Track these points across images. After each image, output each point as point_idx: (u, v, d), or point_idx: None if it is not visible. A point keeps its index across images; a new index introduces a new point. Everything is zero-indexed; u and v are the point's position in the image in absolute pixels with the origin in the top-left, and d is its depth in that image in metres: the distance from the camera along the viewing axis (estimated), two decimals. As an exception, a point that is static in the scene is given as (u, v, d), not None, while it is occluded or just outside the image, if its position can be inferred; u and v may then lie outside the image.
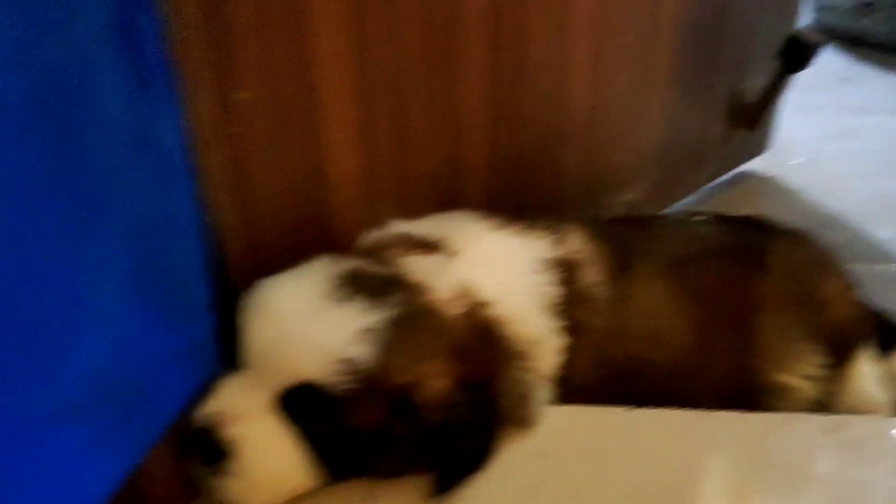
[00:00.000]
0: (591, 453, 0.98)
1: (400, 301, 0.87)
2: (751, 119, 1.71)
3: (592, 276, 1.08)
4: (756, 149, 1.88)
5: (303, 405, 0.82)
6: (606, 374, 1.07)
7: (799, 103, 2.34)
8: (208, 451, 0.80)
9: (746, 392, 1.12)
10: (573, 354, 1.03)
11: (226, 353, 0.84)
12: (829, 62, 2.70)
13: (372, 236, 1.03)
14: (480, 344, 0.92)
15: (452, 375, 0.85)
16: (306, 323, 0.81)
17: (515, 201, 1.29)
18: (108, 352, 0.56)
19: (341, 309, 0.83)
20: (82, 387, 0.54)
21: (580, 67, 1.30)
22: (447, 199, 1.17)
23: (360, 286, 0.87)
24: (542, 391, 1.01)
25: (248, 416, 0.81)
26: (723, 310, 1.16)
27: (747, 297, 1.18)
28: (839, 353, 1.22)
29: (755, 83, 1.74)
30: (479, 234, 1.05)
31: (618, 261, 1.11)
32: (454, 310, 0.92)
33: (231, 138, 0.88)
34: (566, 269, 1.06)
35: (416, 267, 0.95)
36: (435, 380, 0.84)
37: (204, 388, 0.79)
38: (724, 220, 1.35)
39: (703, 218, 1.28)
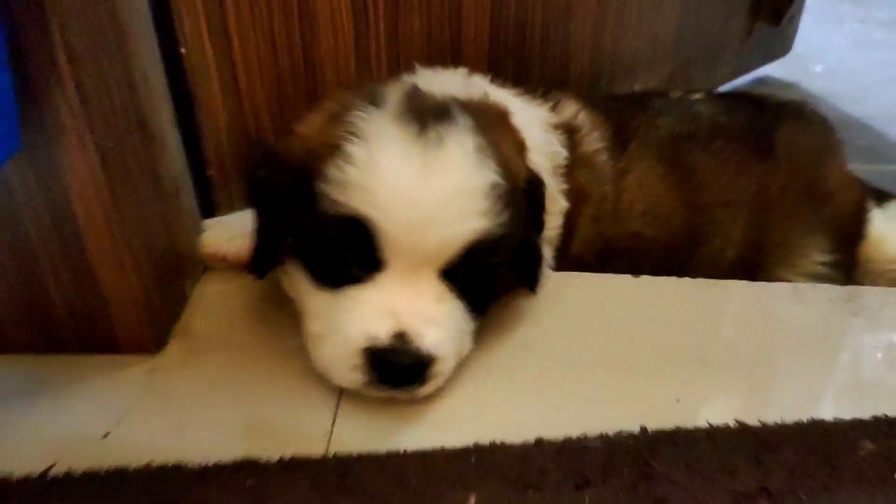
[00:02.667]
0: (587, 318, 0.93)
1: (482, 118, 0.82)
2: (775, 12, 1.61)
3: (593, 143, 1.03)
4: (778, 50, 1.78)
5: (467, 262, 0.76)
6: (603, 250, 1.02)
7: (827, 14, 2.25)
8: (413, 371, 0.75)
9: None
10: (573, 221, 0.98)
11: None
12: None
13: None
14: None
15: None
16: (439, 184, 0.73)
17: (515, 75, 1.21)
18: None
19: (452, 142, 0.75)
20: None
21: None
22: (444, 62, 1.09)
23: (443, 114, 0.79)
24: (547, 254, 0.95)
25: (428, 314, 0.76)
26: (724, 194, 1.10)
27: (751, 185, 1.12)
28: (846, 243, 1.17)
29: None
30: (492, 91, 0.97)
31: (615, 133, 1.06)
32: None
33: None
34: (569, 134, 1.01)
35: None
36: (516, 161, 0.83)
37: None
38: (724, 98, 1.28)
39: (701, 96, 1.21)
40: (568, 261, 1.00)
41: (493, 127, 0.82)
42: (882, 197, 1.28)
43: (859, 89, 1.62)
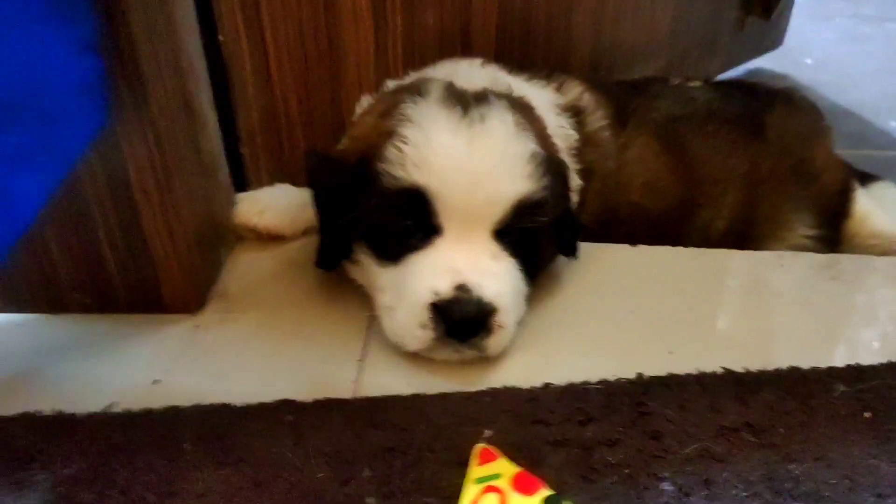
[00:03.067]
0: (587, 282, 1.01)
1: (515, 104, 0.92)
2: (765, 6, 1.69)
3: (597, 121, 1.11)
4: (770, 43, 1.87)
5: (517, 225, 0.85)
6: (607, 219, 1.10)
7: (817, 10, 2.34)
8: (476, 321, 0.81)
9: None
10: (584, 197, 1.06)
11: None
12: (849, -26, 2.69)
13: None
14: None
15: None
16: (485, 152, 0.83)
17: (521, 64, 1.30)
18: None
19: (493, 119, 0.85)
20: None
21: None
22: (455, 51, 1.18)
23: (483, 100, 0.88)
24: None
25: (486, 269, 0.83)
26: (715, 171, 1.19)
27: (743, 164, 1.20)
28: (831, 219, 1.25)
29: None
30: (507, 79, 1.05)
31: (617, 112, 1.14)
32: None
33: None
34: (576, 115, 1.10)
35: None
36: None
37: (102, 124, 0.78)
38: (719, 85, 1.36)
39: (699, 83, 1.30)
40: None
41: (524, 110, 0.92)
42: (867, 179, 1.36)
43: (846, 80, 1.70)
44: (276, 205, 1.04)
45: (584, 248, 1.07)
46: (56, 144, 0.70)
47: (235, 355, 0.90)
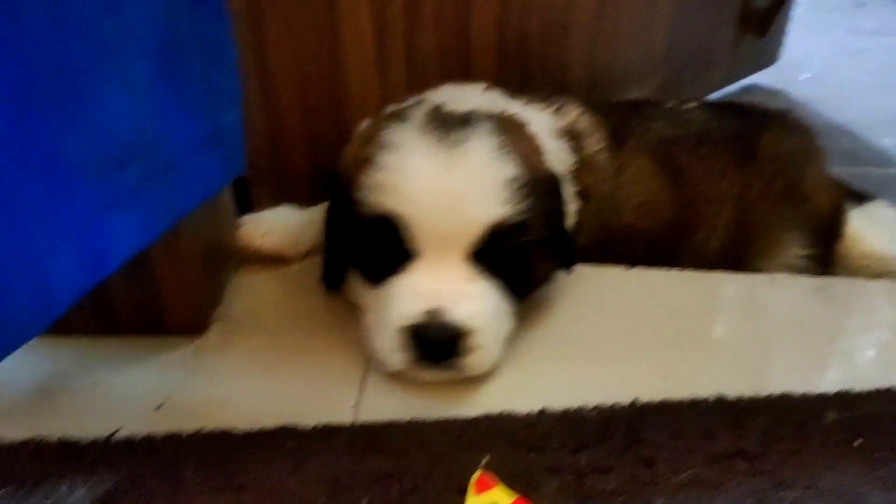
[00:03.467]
0: (583, 306, 1.03)
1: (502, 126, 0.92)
2: (760, 25, 1.71)
3: (595, 144, 1.13)
4: (765, 59, 1.89)
5: (493, 250, 0.85)
6: (604, 240, 1.12)
7: (814, 24, 2.36)
8: (446, 344, 0.83)
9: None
10: (581, 218, 1.08)
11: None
12: (846, -12, 2.71)
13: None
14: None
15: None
16: (460, 176, 0.83)
17: (520, 84, 1.31)
18: (130, 116, 0.60)
19: (473, 142, 0.86)
20: (104, 143, 0.58)
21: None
22: (455, 73, 1.20)
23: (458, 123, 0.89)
24: None
25: (459, 292, 0.84)
26: (709, 192, 1.21)
27: (735, 185, 1.22)
28: (823, 239, 1.27)
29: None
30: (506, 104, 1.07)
31: (613, 134, 1.16)
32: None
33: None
34: (574, 138, 1.11)
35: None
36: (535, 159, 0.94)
37: (226, 179, 0.79)
38: (713, 106, 1.38)
39: (694, 105, 1.31)
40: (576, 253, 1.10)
41: (512, 132, 0.93)
42: (862, 197, 1.38)
43: (842, 96, 1.72)
44: (279, 227, 1.06)
45: (580, 270, 1.09)
46: (166, 193, 0.69)
47: (238, 379, 0.91)
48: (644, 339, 0.98)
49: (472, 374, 0.87)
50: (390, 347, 0.85)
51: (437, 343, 0.83)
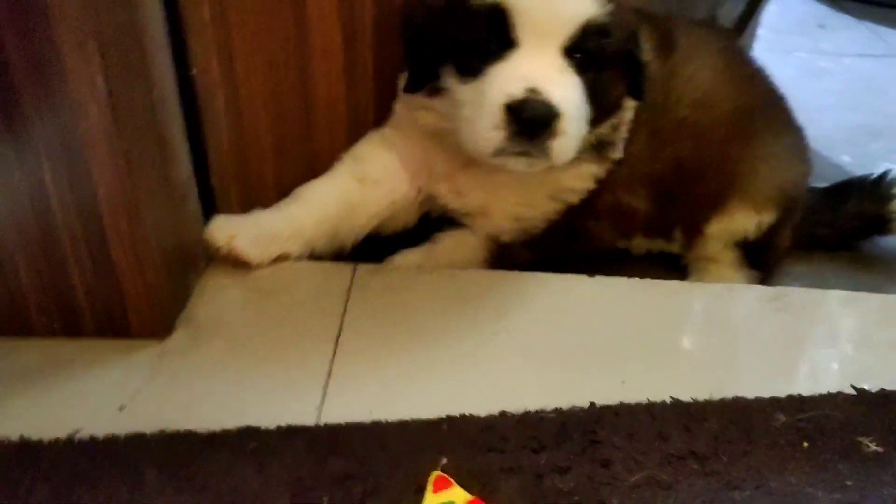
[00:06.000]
0: (544, 313, 1.05)
1: None
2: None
3: (647, 54, 1.13)
4: (729, 77, 1.93)
5: (584, 45, 0.96)
6: (658, 140, 1.16)
7: (778, 45, 2.42)
8: (542, 120, 0.93)
9: None
10: (634, 124, 1.13)
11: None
12: (808, 10, 2.79)
13: None
14: None
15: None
16: None
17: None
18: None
19: None
20: None
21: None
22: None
23: None
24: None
25: (554, 78, 0.94)
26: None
27: None
28: None
29: (731, 10, 1.79)
30: None
31: (659, 44, 1.17)
32: None
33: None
34: None
35: None
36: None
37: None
38: None
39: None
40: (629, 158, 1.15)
41: None
42: None
43: (804, 113, 1.76)
44: (248, 233, 1.07)
45: (541, 277, 1.12)
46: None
47: (201, 381, 0.92)
48: (603, 345, 1.00)
49: (555, 161, 0.97)
50: (489, 127, 0.94)
51: (535, 118, 0.93)
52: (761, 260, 1.27)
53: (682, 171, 1.19)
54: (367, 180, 1.13)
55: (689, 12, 1.68)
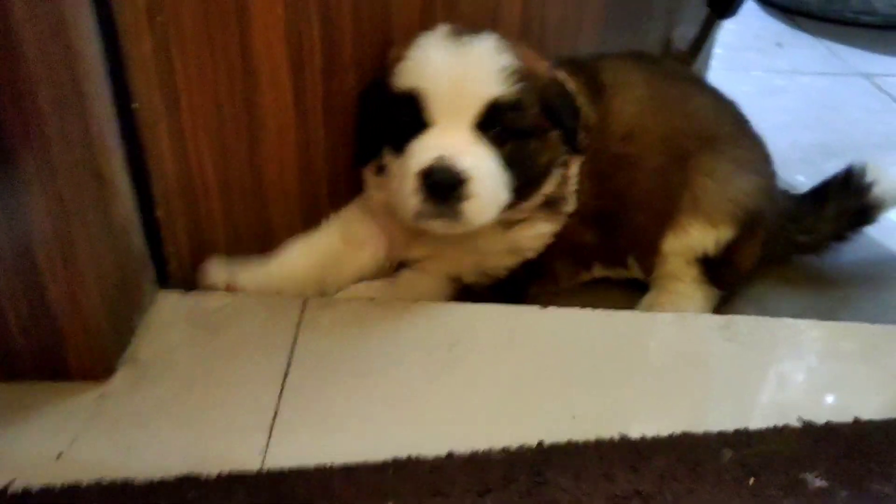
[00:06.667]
0: (495, 345, 1.05)
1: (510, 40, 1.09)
2: (682, 64, 1.77)
3: (581, 100, 1.18)
4: (686, 97, 1.95)
5: (492, 121, 1.03)
6: (597, 179, 1.20)
7: (735, 63, 2.46)
8: (450, 185, 1.00)
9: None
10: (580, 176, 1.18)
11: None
12: (766, 28, 2.83)
13: None
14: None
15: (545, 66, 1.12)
16: (467, 63, 1.03)
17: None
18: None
19: (477, 42, 1.05)
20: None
21: None
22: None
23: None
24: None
25: (463, 149, 1.02)
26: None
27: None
28: None
29: (686, 32, 1.81)
30: None
31: (589, 88, 1.21)
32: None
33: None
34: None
35: None
36: (539, 65, 1.11)
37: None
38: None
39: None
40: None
41: (519, 46, 1.09)
42: None
43: (760, 132, 1.79)
44: (246, 272, 1.13)
45: (493, 309, 1.11)
46: None
47: (143, 426, 0.89)
48: (554, 377, 1.00)
49: (468, 222, 1.04)
50: (408, 193, 1.02)
51: (442, 184, 1.01)
52: (722, 278, 1.28)
53: (624, 203, 1.22)
54: (353, 242, 1.20)
55: (643, 37, 1.70)
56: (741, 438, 0.92)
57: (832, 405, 0.98)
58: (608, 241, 1.24)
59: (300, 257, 1.18)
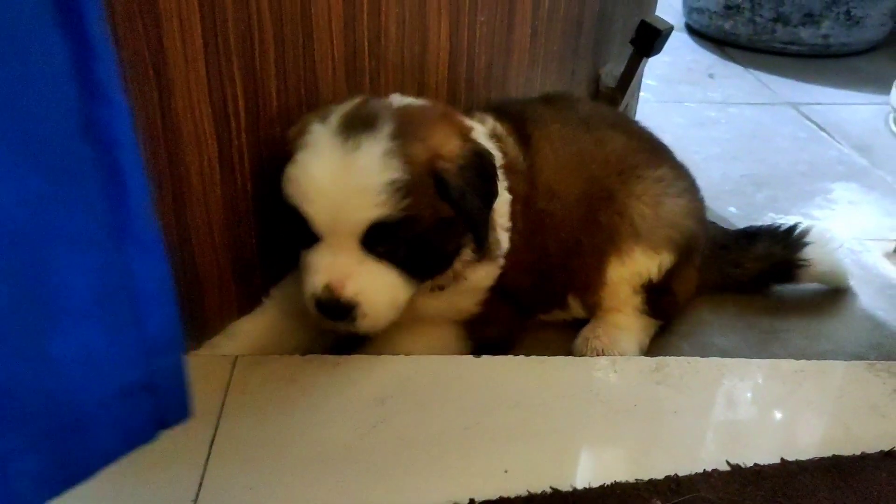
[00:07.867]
0: (428, 398, 1.04)
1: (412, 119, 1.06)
2: (610, 103, 1.82)
3: (512, 147, 1.19)
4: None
5: (378, 240, 1.01)
6: (528, 229, 1.19)
7: (668, 94, 2.53)
8: (339, 312, 1.02)
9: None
10: (513, 216, 1.17)
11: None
12: (698, 59, 2.92)
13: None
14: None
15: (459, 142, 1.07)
16: (348, 181, 0.99)
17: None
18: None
19: (362, 150, 1.00)
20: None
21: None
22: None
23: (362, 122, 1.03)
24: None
25: (350, 272, 1.02)
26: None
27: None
28: None
29: (614, 69, 1.85)
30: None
31: (518, 136, 1.23)
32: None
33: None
34: (499, 141, 1.19)
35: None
36: (448, 146, 1.05)
37: (158, 426, 0.71)
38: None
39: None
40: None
41: (425, 125, 1.06)
42: None
43: (693, 164, 1.82)
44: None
45: (425, 360, 1.11)
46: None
47: None
48: (487, 429, 1.00)
49: (363, 332, 1.08)
50: (307, 303, 1.04)
51: (331, 312, 1.03)
52: (661, 307, 1.31)
53: (557, 254, 1.23)
54: (294, 314, 1.17)
55: (570, 76, 1.74)
56: (671, 486, 0.93)
57: (759, 446, 1.00)
58: (545, 284, 1.25)
59: (237, 346, 1.16)
